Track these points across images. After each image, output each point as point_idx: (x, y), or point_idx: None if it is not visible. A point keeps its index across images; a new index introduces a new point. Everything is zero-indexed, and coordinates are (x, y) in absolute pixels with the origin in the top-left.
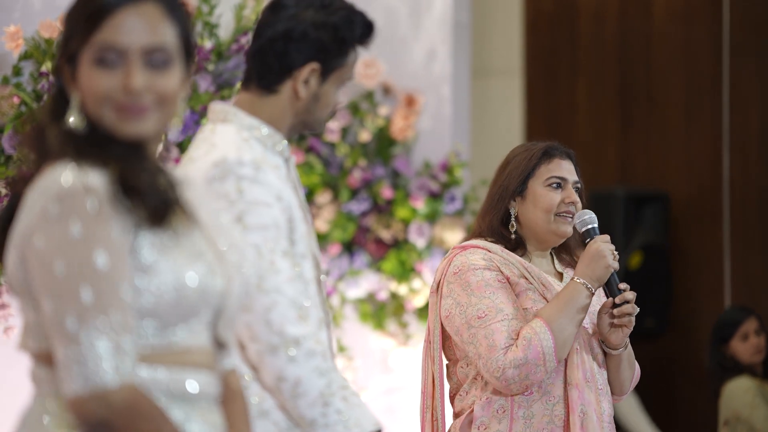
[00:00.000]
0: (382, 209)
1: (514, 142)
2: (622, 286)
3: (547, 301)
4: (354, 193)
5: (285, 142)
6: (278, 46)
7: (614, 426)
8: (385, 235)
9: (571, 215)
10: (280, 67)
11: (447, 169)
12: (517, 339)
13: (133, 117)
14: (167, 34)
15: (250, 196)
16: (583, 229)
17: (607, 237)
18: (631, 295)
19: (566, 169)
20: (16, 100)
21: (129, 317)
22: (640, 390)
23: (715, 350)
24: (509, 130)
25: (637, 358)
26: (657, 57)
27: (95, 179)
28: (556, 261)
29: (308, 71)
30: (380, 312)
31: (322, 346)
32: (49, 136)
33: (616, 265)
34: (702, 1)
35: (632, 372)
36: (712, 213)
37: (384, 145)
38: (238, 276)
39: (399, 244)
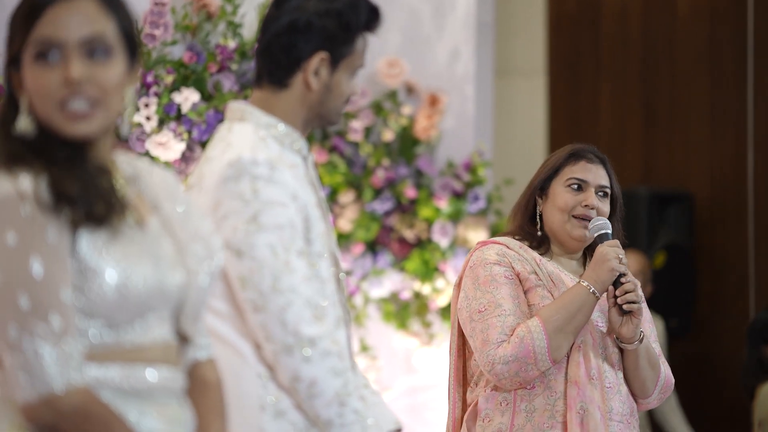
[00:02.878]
0: (406, 209)
1: (537, 141)
2: (623, 279)
3: (554, 299)
4: (377, 193)
5: (303, 140)
6: (284, 40)
7: (632, 426)
8: (409, 234)
9: (588, 219)
10: (289, 60)
11: (470, 168)
12: (511, 335)
13: (79, 120)
14: (106, 26)
15: (265, 196)
16: (596, 234)
17: (615, 242)
18: (630, 286)
19: (591, 173)
20: None
21: (71, 320)
22: None
23: (753, 350)
24: (532, 129)
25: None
26: (681, 57)
27: (26, 184)
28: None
29: (317, 61)
30: (403, 312)
31: (338, 346)
32: None
33: (621, 268)
34: (726, 1)
35: (654, 373)
36: (736, 212)
37: (407, 144)
38: (204, 267)
39: (422, 243)
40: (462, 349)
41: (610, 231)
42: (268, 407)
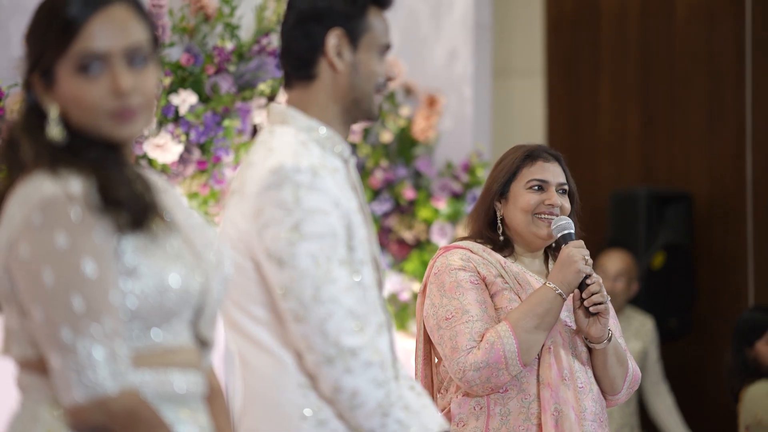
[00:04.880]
0: (404, 210)
1: (536, 142)
2: (589, 281)
3: (522, 301)
4: (376, 194)
5: (345, 143)
6: (297, 32)
7: (604, 424)
8: (408, 235)
9: (552, 216)
10: (307, 49)
11: (469, 169)
12: (481, 341)
13: (126, 121)
14: (141, 33)
15: (307, 204)
16: (559, 235)
17: (580, 242)
18: (596, 287)
19: (549, 172)
20: None
21: (119, 322)
22: None
23: (738, 351)
24: (531, 130)
25: (660, 358)
26: (679, 57)
27: (76, 187)
28: (551, 262)
29: (335, 39)
30: (403, 312)
31: (380, 356)
32: (24, 148)
33: (587, 269)
34: (724, 1)
35: (623, 370)
36: (735, 212)
37: (406, 145)
38: (216, 274)
39: (421, 244)
40: (429, 356)
41: (573, 231)
42: (309, 417)
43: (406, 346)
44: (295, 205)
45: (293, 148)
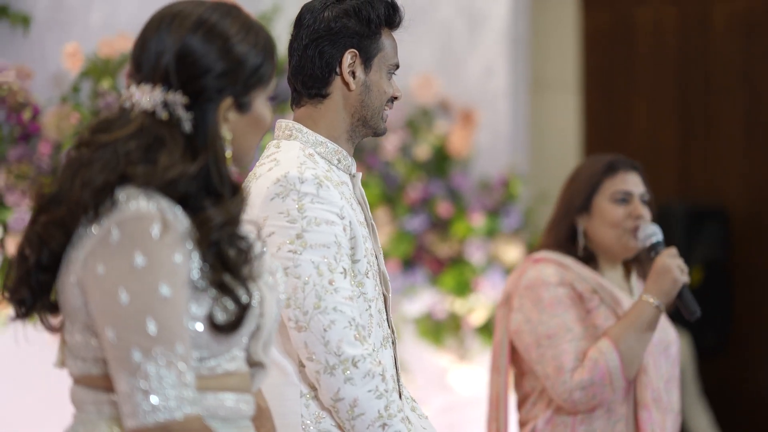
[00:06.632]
0: (440, 226)
1: (572, 157)
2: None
3: (618, 318)
4: (412, 210)
5: (351, 158)
6: (312, 52)
7: None
8: (444, 251)
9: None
10: (322, 68)
11: (505, 184)
12: (584, 360)
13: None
14: None
15: (312, 214)
16: (648, 244)
17: (674, 251)
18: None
19: (632, 182)
20: (73, 120)
21: (189, 347)
22: None
23: None
24: (567, 145)
25: (698, 375)
26: (716, 71)
27: (158, 207)
28: (632, 275)
29: (349, 59)
30: (439, 328)
31: (381, 367)
32: (167, 168)
33: (684, 279)
34: (761, 15)
35: None
36: None
37: (441, 161)
38: (272, 296)
39: (457, 260)
40: (498, 366)
41: (662, 238)
42: (310, 426)
43: (442, 363)
44: (299, 214)
45: (299, 160)
